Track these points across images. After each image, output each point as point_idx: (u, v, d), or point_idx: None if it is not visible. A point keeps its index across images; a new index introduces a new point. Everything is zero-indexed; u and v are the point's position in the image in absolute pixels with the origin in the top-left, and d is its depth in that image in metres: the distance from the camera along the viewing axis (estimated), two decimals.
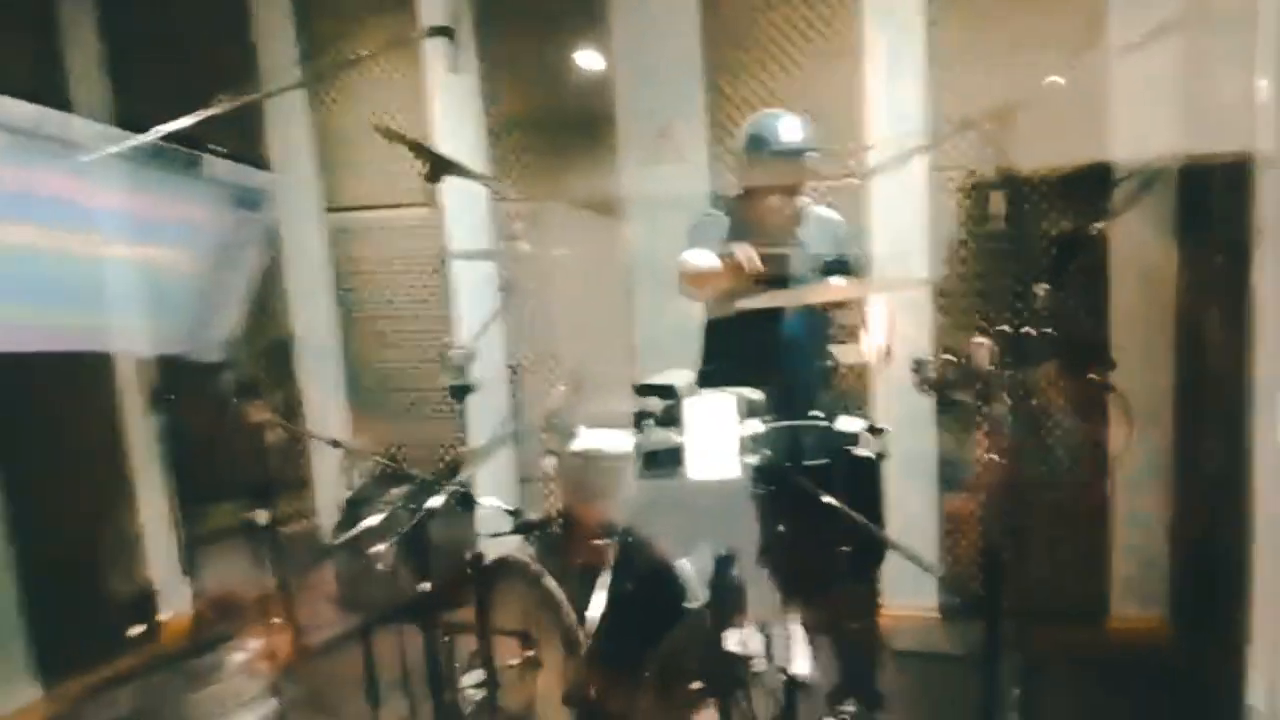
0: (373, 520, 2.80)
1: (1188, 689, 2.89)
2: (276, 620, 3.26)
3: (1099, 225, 3.25)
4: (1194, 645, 3.08)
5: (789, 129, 2.96)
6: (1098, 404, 3.33)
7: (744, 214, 3.11)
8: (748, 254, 2.84)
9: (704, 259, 2.96)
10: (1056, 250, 3.35)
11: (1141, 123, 3.16)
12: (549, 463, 2.95)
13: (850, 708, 2.84)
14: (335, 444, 3.13)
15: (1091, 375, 3.09)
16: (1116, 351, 3.05)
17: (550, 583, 2.62)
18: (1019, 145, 2.55)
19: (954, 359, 3.18)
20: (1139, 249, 3.26)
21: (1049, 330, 2.89)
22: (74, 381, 3.89)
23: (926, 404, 3.48)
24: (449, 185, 3.26)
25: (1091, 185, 3.29)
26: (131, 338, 3.24)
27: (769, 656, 2.65)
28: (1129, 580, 3.42)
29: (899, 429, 2.93)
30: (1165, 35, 2.69)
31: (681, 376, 2.90)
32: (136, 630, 3.98)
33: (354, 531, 2.82)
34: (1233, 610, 1.85)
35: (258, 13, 4.20)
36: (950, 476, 3.53)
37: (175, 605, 4.14)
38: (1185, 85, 2.98)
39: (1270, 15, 1.11)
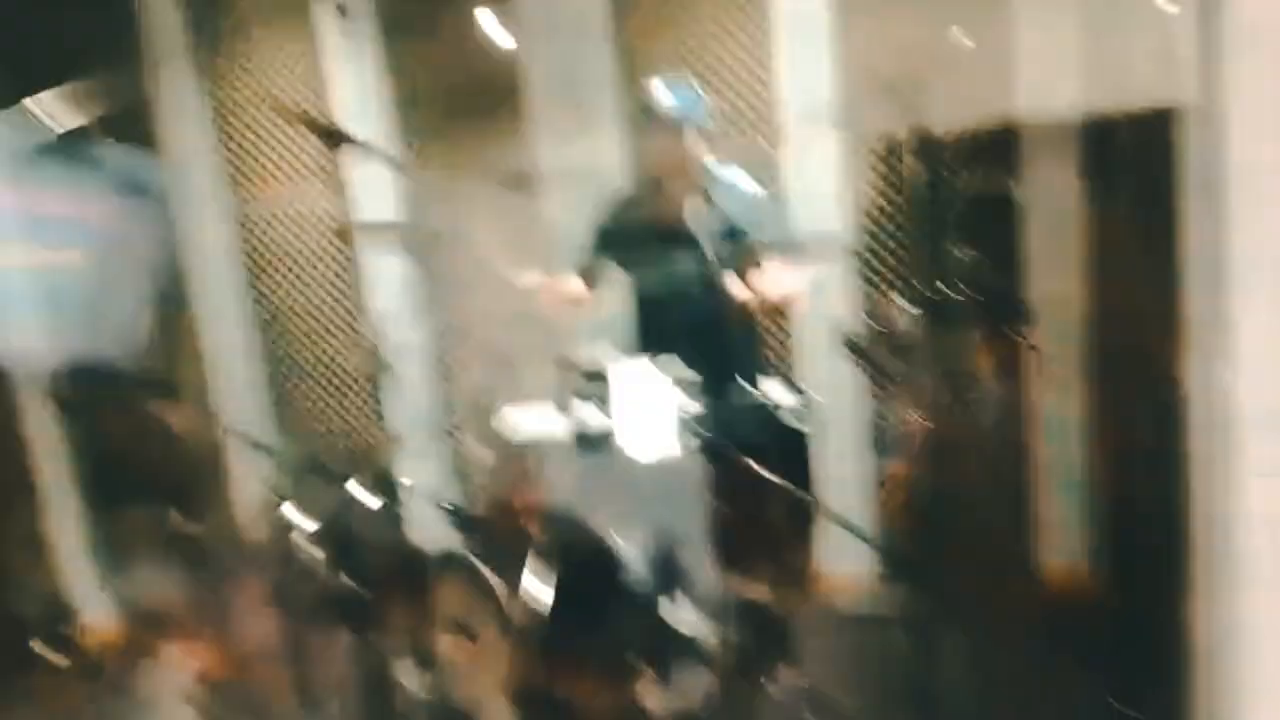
0: (299, 519, 2.71)
1: (1117, 632, 2.98)
2: (203, 628, 3.15)
3: (1010, 184, 3.29)
4: (1121, 590, 3.17)
5: (663, 96, 2.94)
6: (1018, 361, 3.38)
7: (649, 184, 3.10)
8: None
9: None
10: (971, 211, 3.39)
11: (1049, 79, 3.19)
12: (479, 449, 2.89)
13: (792, 678, 2.85)
14: (254, 442, 3.02)
15: (1011, 332, 3.14)
16: (1034, 309, 3.10)
17: (487, 572, 2.57)
18: (929, 105, 2.56)
19: (877, 324, 3.20)
20: (1051, 206, 3.31)
21: (968, 291, 2.92)
22: None
23: (853, 370, 3.52)
24: (356, 165, 3.15)
25: (1001, 144, 3.32)
26: (29, 343, 3.06)
27: (712, 631, 2.65)
28: (1052, 532, 3.50)
29: (828, 396, 2.95)
30: None
31: (612, 354, 2.87)
32: (52, 646, 3.81)
33: (280, 532, 2.73)
34: (1160, 555, 1.89)
35: None
36: (880, 441, 3.56)
37: (94, 618, 3.97)
38: (1089, 41, 3.02)
39: None
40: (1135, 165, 2.76)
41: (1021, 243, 3.38)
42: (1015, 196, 3.31)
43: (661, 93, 2.95)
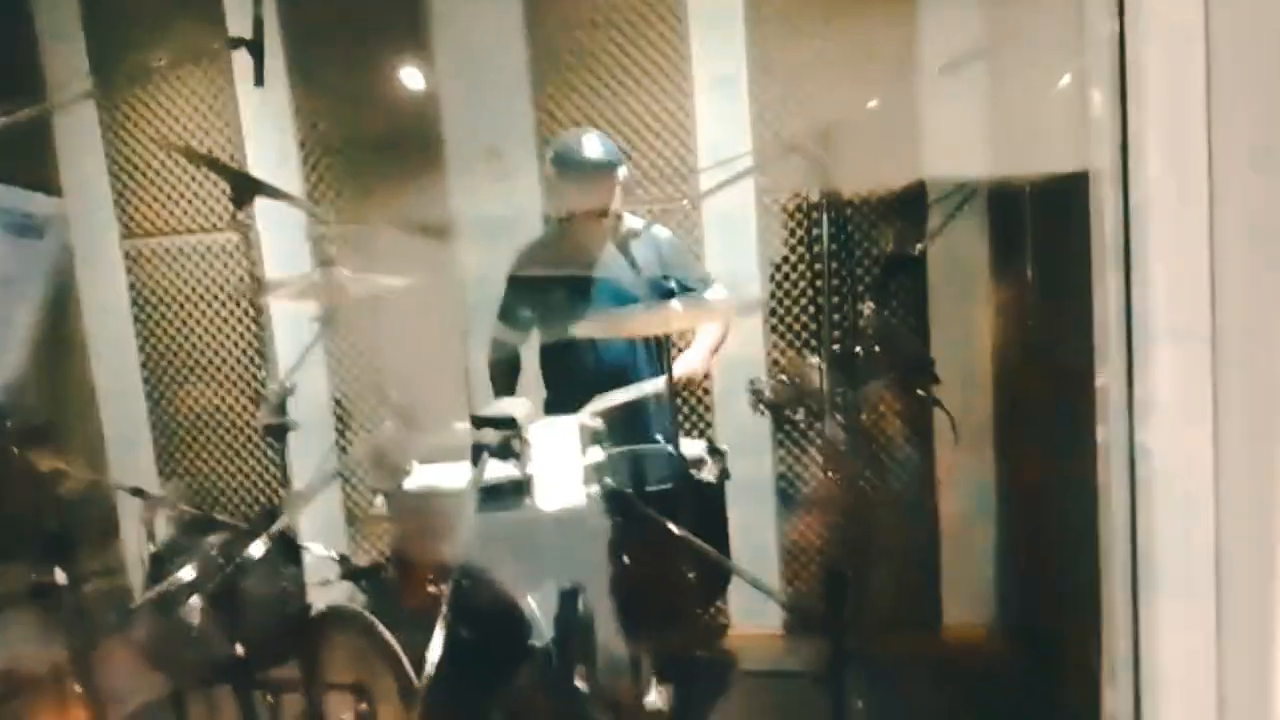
0: (182, 574, 2.56)
1: (1018, 687, 3.00)
2: (75, 691, 2.94)
3: (919, 245, 3.36)
4: (1022, 645, 3.21)
5: (586, 145, 2.95)
6: (925, 420, 3.44)
7: (563, 234, 3.11)
8: None
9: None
10: (880, 270, 3.45)
11: (956, 144, 3.29)
12: (379, 502, 2.78)
13: None
14: (137, 492, 2.85)
15: (918, 391, 3.18)
16: (940, 368, 3.15)
17: (383, 631, 2.46)
18: (841, 166, 2.60)
19: (787, 379, 3.22)
20: (957, 268, 3.39)
21: (876, 348, 2.96)
22: None
23: (764, 424, 3.52)
24: (261, 209, 3.06)
25: (910, 206, 3.41)
26: None
27: (618, 691, 2.58)
28: (958, 590, 3.53)
29: (737, 450, 2.94)
30: (974, 59, 2.80)
31: (520, 406, 2.81)
32: None
33: (161, 588, 2.57)
34: (1067, 615, 1.90)
35: (42, 18, 3.84)
36: (788, 495, 3.56)
37: None
38: (995, 107, 3.13)
39: (1102, 34, 1.14)
40: (1040, 228, 2.84)
41: (928, 303, 3.45)
42: (922, 257, 3.38)
43: (577, 141, 2.96)
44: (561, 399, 3.01)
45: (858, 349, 2.91)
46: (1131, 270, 1.12)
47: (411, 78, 3.71)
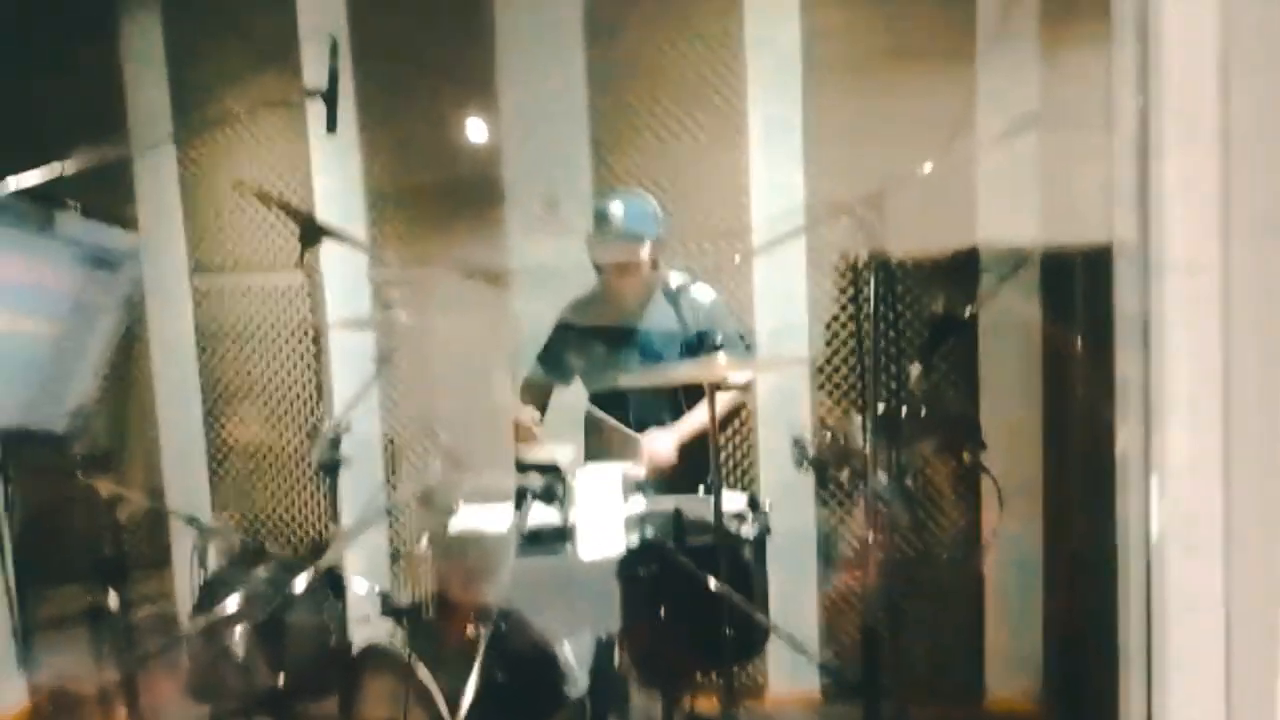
0: (230, 604, 2.63)
1: None
2: (120, 713, 3.01)
3: (969, 308, 3.35)
4: (1069, 716, 3.13)
5: (615, 211, 3.01)
6: (970, 484, 3.40)
7: (603, 287, 3.17)
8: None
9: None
10: (929, 332, 3.44)
11: (1007, 211, 3.29)
12: (424, 542, 2.83)
13: None
14: (192, 521, 2.94)
15: (964, 455, 3.16)
16: (987, 433, 3.13)
17: (421, 671, 2.49)
18: (893, 228, 2.62)
19: (832, 437, 3.22)
20: (1007, 332, 3.38)
21: (923, 410, 2.95)
22: None
23: (807, 481, 3.51)
24: (326, 251, 3.18)
25: (961, 269, 3.40)
26: None
27: None
28: (1003, 658, 3.46)
29: (779, 505, 2.93)
30: (1025, 130, 2.82)
31: (565, 452, 2.85)
32: None
33: (209, 616, 2.64)
34: (1102, 685, 1.86)
35: (128, 62, 4.04)
36: (829, 554, 3.53)
37: (8, 700, 3.78)
38: (1045, 177, 3.13)
39: (1127, 114, 1.17)
40: (1082, 297, 2.83)
41: (976, 367, 3.43)
42: (972, 321, 3.37)
43: (611, 205, 3.02)
44: (599, 452, 3.06)
45: (904, 410, 2.91)
46: (1149, 339, 1.14)
47: (476, 130, 3.82)
